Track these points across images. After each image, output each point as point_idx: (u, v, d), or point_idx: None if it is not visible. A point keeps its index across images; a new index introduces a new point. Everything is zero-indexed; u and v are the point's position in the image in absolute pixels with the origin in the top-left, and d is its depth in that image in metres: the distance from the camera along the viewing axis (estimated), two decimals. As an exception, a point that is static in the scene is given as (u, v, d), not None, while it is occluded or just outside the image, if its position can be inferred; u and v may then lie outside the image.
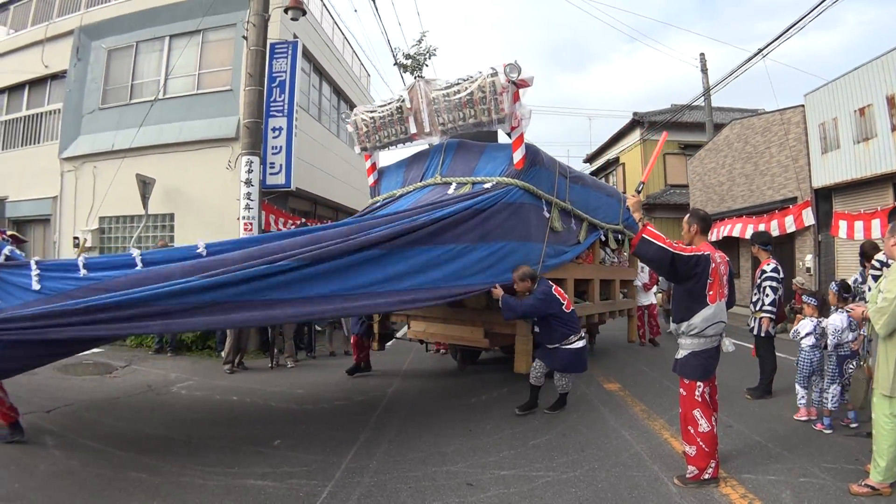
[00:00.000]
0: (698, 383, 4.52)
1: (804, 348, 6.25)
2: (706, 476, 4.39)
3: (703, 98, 22.42)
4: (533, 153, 6.75)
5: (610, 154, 31.09)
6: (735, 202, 18.36)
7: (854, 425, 5.84)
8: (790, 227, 15.01)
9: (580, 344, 6.36)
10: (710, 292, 4.51)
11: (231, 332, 8.73)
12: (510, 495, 4.27)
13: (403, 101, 7.28)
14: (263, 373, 8.70)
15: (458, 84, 6.71)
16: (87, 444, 5.11)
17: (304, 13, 11.15)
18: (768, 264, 7.19)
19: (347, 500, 4.12)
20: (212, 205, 12.69)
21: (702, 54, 22.73)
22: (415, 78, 10.28)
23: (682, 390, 4.61)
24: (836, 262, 13.99)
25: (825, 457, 5.04)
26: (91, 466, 4.60)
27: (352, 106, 23.07)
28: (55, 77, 15.79)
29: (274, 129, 11.65)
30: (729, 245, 18.65)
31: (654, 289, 13.77)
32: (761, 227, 15.30)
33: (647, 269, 11.16)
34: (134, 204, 12.18)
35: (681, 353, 4.63)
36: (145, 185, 11.78)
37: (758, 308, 7.16)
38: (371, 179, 8.33)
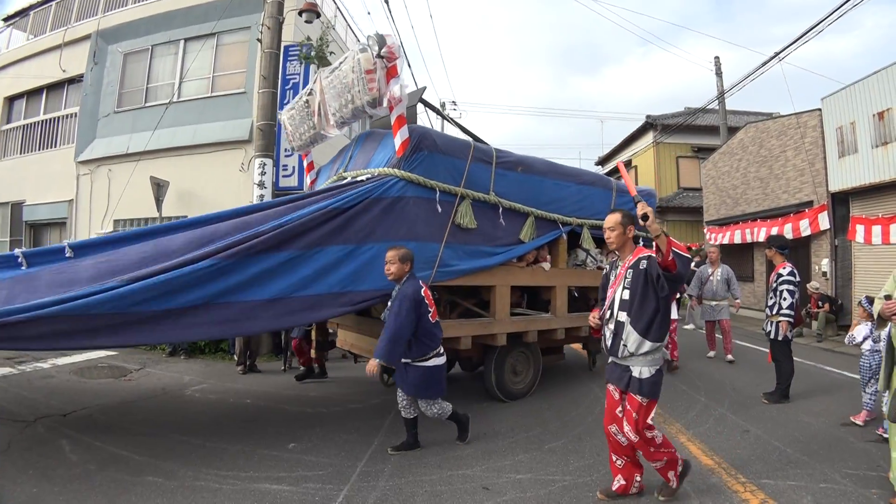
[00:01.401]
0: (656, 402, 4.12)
1: (864, 353, 6.22)
2: (679, 465, 4.22)
3: (717, 101, 22.30)
4: (418, 137, 5.79)
5: (622, 157, 30.97)
6: (749, 206, 18.22)
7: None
8: (805, 230, 14.87)
9: (436, 361, 5.15)
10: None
11: None
12: (527, 500, 4.24)
13: (312, 93, 6.64)
14: (276, 375, 8.70)
15: (337, 67, 5.99)
16: (104, 448, 5.11)
17: (319, 15, 11.16)
18: (784, 268, 7.11)
19: (363, 504, 4.10)
20: (225, 207, 12.63)
21: (716, 57, 22.62)
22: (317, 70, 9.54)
23: (634, 413, 4.01)
24: (852, 267, 13.83)
25: (846, 462, 4.98)
26: (108, 471, 4.60)
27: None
28: (72, 81, 15.92)
29: (287, 132, 11.62)
30: (743, 249, 18.55)
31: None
32: (775, 231, 15.17)
33: None
34: (148, 206, 12.22)
35: (647, 372, 4.00)
36: (159, 187, 11.82)
37: (775, 312, 7.09)
38: (308, 180, 8.18)
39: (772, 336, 7.16)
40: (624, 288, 4.07)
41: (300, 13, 10.78)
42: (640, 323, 3.95)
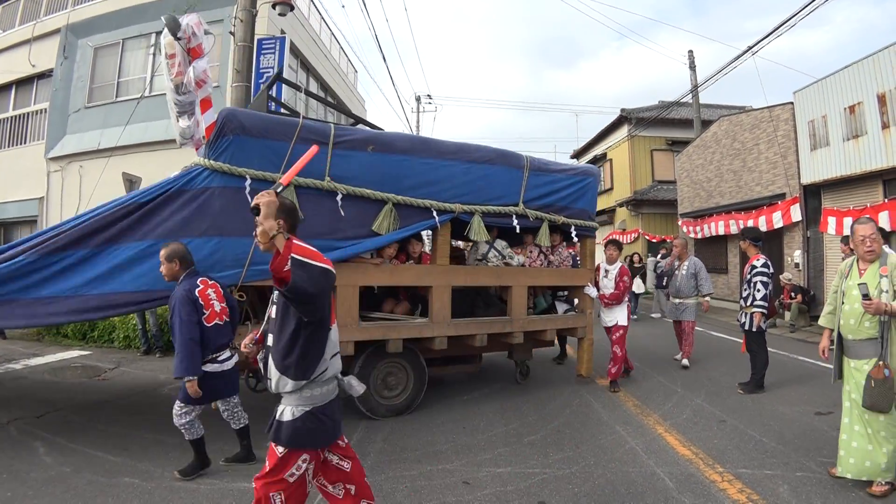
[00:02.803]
0: (303, 455, 2.92)
1: None
2: None
3: (691, 95, 22.48)
4: (222, 120, 5.17)
5: (597, 150, 31.11)
6: (723, 198, 18.41)
7: None
8: (778, 223, 15.06)
9: (206, 368, 4.41)
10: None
11: None
12: (507, 493, 4.25)
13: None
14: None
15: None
16: (79, 449, 5.03)
17: (292, 8, 11.06)
18: (758, 259, 7.20)
19: (343, 501, 4.07)
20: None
21: (690, 51, 22.79)
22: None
23: (267, 459, 2.93)
24: (824, 259, 14.05)
25: (821, 451, 5.06)
26: (84, 472, 4.53)
27: (339, 102, 23.01)
28: (42, 76, 15.68)
29: (262, 127, 11.51)
30: (716, 241, 18.75)
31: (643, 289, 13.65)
32: (750, 223, 15.36)
33: (611, 273, 7.77)
34: (121, 203, 12.06)
35: (289, 413, 2.88)
36: (132, 183, 11.63)
37: (749, 303, 7.18)
38: None
39: (746, 327, 7.26)
40: (272, 303, 3.03)
41: (273, 6, 10.67)
42: (278, 353, 2.88)
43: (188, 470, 4.49)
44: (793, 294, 13.57)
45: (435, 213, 6.15)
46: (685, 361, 8.90)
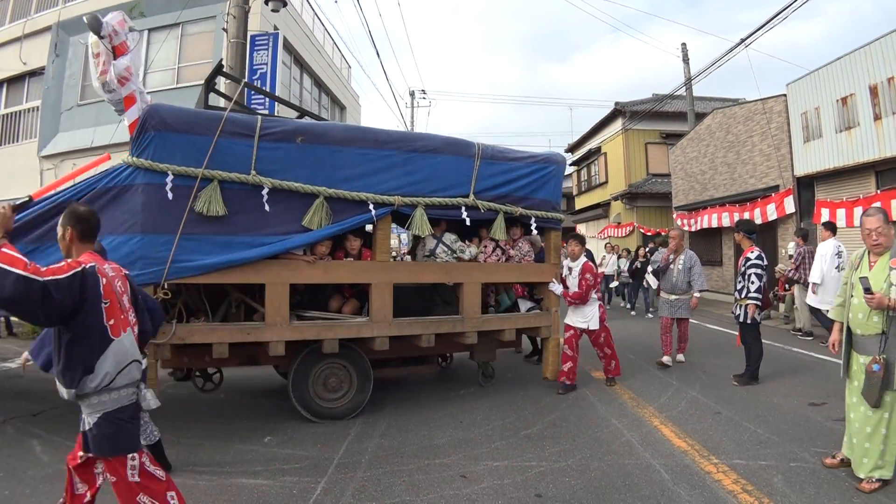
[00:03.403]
0: (130, 455, 2.97)
1: None
2: None
3: (684, 88, 22.50)
4: (144, 115, 5.06)
5: (592, 144, 31.13)
6: (717, 191, 18.45)
7: None
8: (772, 215, 15.11)
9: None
10: (111, 322, 2.95)
11: None
12: (504, 486, 4.27)
13: None
14: (250, 367, 8.60)
15: None
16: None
17: (285, 4, 11.05)
18: (752, 252, 7.23)
19: (342, 496, 4.10)
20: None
21: (683, 44, 22.79)
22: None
23: (110, 476, 2.99)
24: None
25: (815, 441, 5.09)
26: (80, 467, 4.54)
27: (333, 98, 22.98)
28: (33, 74, 15.63)
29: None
30: (711, 234, 18.80)
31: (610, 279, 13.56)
32: (746, 216, 15.40)
33: (574, 270, 7.20)
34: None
35: (86, 423, 2.97)
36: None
37: (743, 295, 7.21)
38: None
39: (741, 319, 7.28)
40: None
41: (266, 2, 10.66)
42: (54, 359, 2.95)
43: None
44: (787, 286, 13.61)
45: (372, 207, 5.79)
46: (680, 356, 8.68)
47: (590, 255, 13.30)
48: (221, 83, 9.26)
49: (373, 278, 5.94)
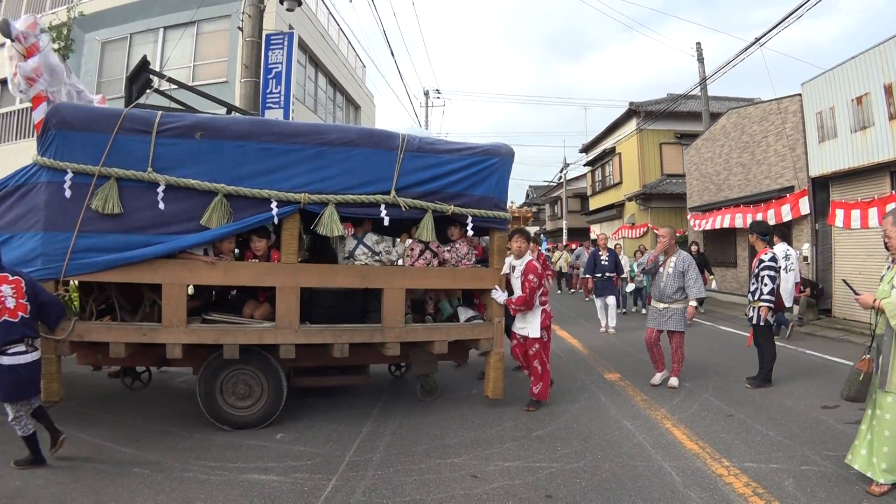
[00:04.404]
0: None
1: None
2: None
3: (699, 87, 22.38)
4: (48, 115, 5.13)
5: (606, 144, 31.04)
6: (732, 192, 18.35)
7: None
8: (786, 216, 15.01)
9: (10, 360, 4.33)
10: None
11: None
12: (515, 486, 4.28)
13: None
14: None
15: None
16: (88, 440, 5.10)
17: (300, 3, 11.07)
18: (766, 254, 7.20)
19: (352, 494, 4.12)
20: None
21: (698, 43, 22.67)
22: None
23: None
24: (833, 252, 13.99)
25: (827, 444, 5.07)
26: (93, 463, 4.60)
27: (347, 97, 23.04)
28: (49, 70, 15.71)
29: (269, 122, 11.56)
30: (725, 234, 18.70)
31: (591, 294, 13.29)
32: (759, 217, 15.31)
33: (517, 269, 6.36)
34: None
35: None
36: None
37: (756, 297, 7.18)
38: None
39: (754, 321, 7.25)
40: None
41: (281, 1, 10.69)
42: None
43: (22, 462, 4.47)
44: (802, 287, 13.52)
45: (274, 205, 5.42)
46: (673, 381, 7.36)
47: (616, 256, 13.25)
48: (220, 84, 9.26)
49: (277, 281, 5.53)
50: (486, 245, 6.82)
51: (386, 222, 5.77)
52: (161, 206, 5.21)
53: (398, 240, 6.43)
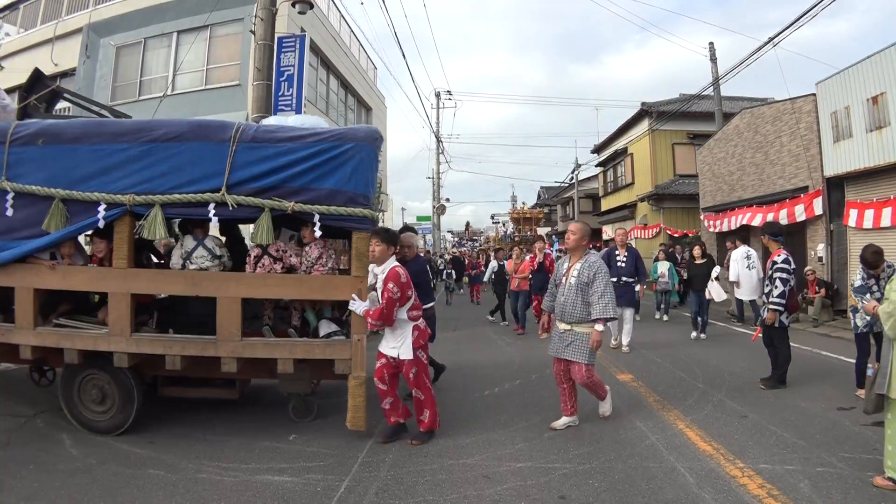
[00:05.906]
0: None
1: None
2: None
3: (712, 87, 22.27)
4: None
5: (618, 144, 30.96)
6: (745, 192, 18.25)
7: None
8: (800, 216, 14.92)
9: None
10: None
11: None
12: (527, 487, 4.27)
13: None
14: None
15: None
16: (105, 442, 5.14)
17: (312, 6, 11.12)
18: (779, 255, 7.14)
19: (365, 494, 4.13)
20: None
21: (711, 43, 22.56)
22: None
23: None
24: (848, 252, 13.87)
25: (843, 446, 5.02)
26: (109, 464, 4.63)
27: (359, 99, 23.11)
28: (65, 75, 15.91)
29: (281, 124, 11.61)
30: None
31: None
32: (770, 217, 15.22)
33: (380, 275, 5.29)
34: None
35: None
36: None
37: (768, 299, 7.13)
38: None
39: (767, 323, 7.19)
40: None
41: (293, 4, 10.74)
42: None
43: None
44: (816, 288, 13.43)
45: (102, 208, 5.20)
46: (604, 407, 6.05)
47: (636, 257, 10.52)
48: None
49: (109, 287, 5.36)
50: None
51: (215, 223, 5.65)
52: (9, 212, 5.33)
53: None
